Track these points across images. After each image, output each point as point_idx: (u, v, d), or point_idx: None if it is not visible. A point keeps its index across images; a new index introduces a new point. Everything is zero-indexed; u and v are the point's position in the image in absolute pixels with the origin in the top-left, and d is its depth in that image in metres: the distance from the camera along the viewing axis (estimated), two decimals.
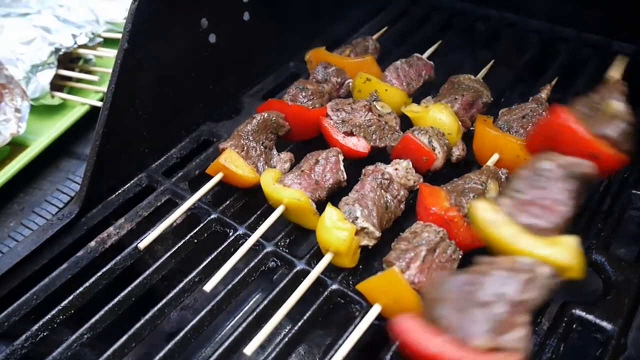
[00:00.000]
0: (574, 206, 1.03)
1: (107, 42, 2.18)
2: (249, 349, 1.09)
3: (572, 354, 1.18)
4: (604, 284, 1.26)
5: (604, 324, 1.16)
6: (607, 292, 1.22)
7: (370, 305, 1.18)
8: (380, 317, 1.18)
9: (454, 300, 0.89)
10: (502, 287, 0.89)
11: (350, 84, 1.68)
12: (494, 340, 0.84)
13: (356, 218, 1.25)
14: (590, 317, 1.17)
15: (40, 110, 1.99)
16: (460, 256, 1.20)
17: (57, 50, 1.98)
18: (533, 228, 1.01)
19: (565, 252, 0.98)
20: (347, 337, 1.12)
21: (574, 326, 1.18)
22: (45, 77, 1.93)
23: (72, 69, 2.10)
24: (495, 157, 1.40)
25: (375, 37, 1.88)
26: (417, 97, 1.67)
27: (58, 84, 2.04)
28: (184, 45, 1.59)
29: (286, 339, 1.17)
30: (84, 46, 2.07)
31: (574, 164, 1.04)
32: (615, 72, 1.27)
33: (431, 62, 1.73)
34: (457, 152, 1.50)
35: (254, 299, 1.50)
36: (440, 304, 0.90)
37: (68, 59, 2.10)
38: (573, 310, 1.18)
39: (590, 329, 1.17)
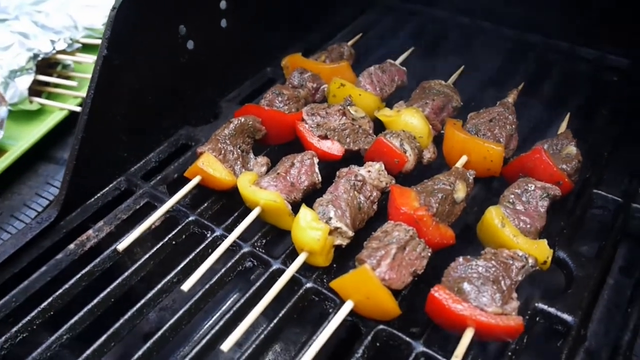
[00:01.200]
0: (546, 218, 1.35)
1: (86, 48, 2.20)
2: (226, 346, 1.13)
3: (535, 345, 1.24)
4: (565, 279, 1.32)
5: (565, 316, 1.22)
6: (569, 286, 1.29)
7: (343, 302, 1.22)
8: (353, 314, 1.23)
9: (472, 278, 1.15)
10: (506, 270, 1.18)
11: (325, 89, 1.73)
12: (501, 308, 1.11)
13: (330, 218, 1.29)
14: (552, 309, 1.23)
15: (19, 115, 2.00)
16: (429, 254, 1.26)
17: (35, 55, 1.99)
18: (522, 230, 1.31)
19: (542, 250, 1.27)
20: (321, 332, 1.16)
21: (537, 319, 1.24)
22: (24, 82, 1.95)
23: (51, 75, 2.12)
24: (463, 159, 1.46)
25: (350, 43, 1.94)
26: (390, 101, 1.73)
27: (36, 89, 2.05)
28: (162, 52, 1.62)
29: (262, 336, 1.21)
30: (63, 52, 2.09)
31: (548, 187, 1.37)
32: (563, 125, 1.61)
33: (404, 68, 1.79)
34: (428, 154, 1.56)
35: (232, 299, 1.53)
36: (462, 281, 1.15)
37: (46, 65, 2.12)
38: (536, 304, 1.24)
39: (552, 321, 1.23)
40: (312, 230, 1.25)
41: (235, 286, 1.53)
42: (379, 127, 1.62)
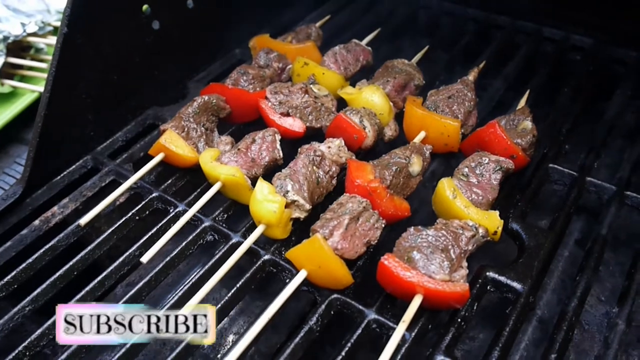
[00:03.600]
0: (499, 190, 1.38)
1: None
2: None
3: (485, 312, 1.27)
4: (518, 250, 1.36)
5: (514, 284, 1.25)
6: (520, 256, 1.32)
7: (298, 272, 1.25)
8: (310, 285, 1.26)
9: (422, 247, 1.18)
10: (455, 240, 1.20)
11: (291, 69, 1.75)
12: (449, 276, 1.15)
13: (287, 192, 1.32)
14: (502, 278, 1.27)
15: None
16: (383, 225, 1.29)
17: (5, 38, 2.01)
18: (474, 202, 1.34)
19: (493, 220, 1.30)
20: (274, 300, 1.18)
21: (488, 287, 1.28)
22: None
23: (24, 58, 2.12)
24: (421, 135, 1.49)
25: (318, 24, 1.95)
26: (355, 81, 1.74)
27: (8, 72, 2.07)
28: (126, 31, 1.63)
29: (220, 305, 1.24)
30: (34, 35, 2.10)
31: (501, 161, 1.39)
32: (522, 101, 1.63)
33: (369, 48, 1.82)
34: (390, 132, 1.58)
35: (195, 273, 1.56)
36: (412, 250, 1.18)
37: (19, 48, 2.13)
38: (487, 273, 1.27)
39: (502, 290, 1.27)
40: (268, 203, 1.28)
41: (199, 261, 1.55)
42: (343, 105, 1.64)
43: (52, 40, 2.14)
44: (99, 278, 1.31)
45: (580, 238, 1.57)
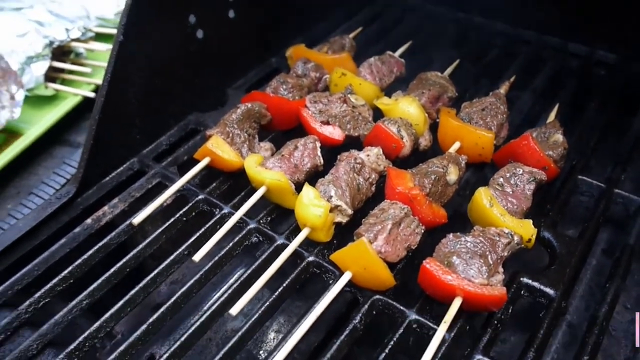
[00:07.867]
0: (532, 200, 1.44)
1: (98, 37, 2.28)
2: (234, 310, 1.23)
3: (514, 316, 1.33)
4: (550, 257, 1.42)
5: (547, 289, 1.32)
6: (552, 263, 1.39)
7: (342, 274, 1.31)
8: (352, 285, 1.33)
9: (461, 253, 1.25)
10: (492, 246, 1.27)
11: (328, 78, 1.82)
12: (487, 280, 1.22)
13: (330, 197, 1.39)
14: (535, 284, 1.33)
15: (35, 100, 2.08)
16: (422, 231, 1.35)
17: (51, 43, 2.08)
18: (509, 210, 1.41)
19: (527, 228, 1.37)
20: (321, 300, 1.25)
21: (522, 292, 1.34)
22: (39, 68, 2.03)
23: (65, 62, 2.20)
24: (456, 145, 1.56)
25: (351, 35, 2.03)
26: (389, 91, 1.82)
27: (51, 75, 2.14)
28: (173, 40, 1.71)
29: (266, 305, 1.30)
30: (76, 40, 2.18)
31: (535, 172, 1.45)
32: (552, 114, 1.69)
33: (402, 60, 1.88)
34: (424, 142, 1.65)
35: (238, 273, 1.63)
36: (452, 255, 1.25)
37: (60, 53, 2.20)
38: (521, 278, 1.34)
39: (536, 295, 1.33)
40: (314, 207, 1.35)
41: (241, 262, 1.62)
42: (378, 115, 1.71)
43: (92, 45, 2.22)
44: (151, 275, 1.37)
45: (607, 248, 1.63)
